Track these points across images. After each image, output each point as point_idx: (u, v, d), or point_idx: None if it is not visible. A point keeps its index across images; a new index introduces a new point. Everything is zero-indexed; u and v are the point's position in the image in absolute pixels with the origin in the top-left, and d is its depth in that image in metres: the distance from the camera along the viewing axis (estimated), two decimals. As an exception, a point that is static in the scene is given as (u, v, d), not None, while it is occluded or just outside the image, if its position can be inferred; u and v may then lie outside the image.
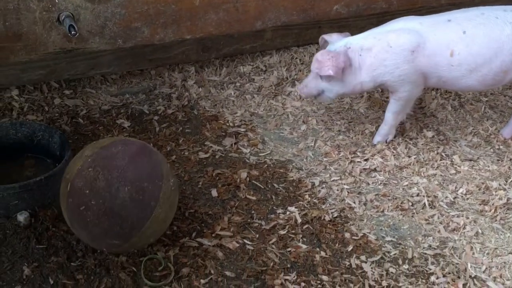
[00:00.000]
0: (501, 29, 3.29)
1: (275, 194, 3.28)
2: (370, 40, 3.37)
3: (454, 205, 3.27)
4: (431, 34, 3.31)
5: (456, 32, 3.31)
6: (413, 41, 3.30)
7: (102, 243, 2.74)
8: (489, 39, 3.29)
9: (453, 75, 3.36)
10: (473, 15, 3.36)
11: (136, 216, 2.66)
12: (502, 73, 3.36)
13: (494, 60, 3.31)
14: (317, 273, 2.85)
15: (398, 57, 3.32)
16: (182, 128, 3.70)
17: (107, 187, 2.64)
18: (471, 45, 3.29)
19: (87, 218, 2.66)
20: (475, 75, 3.35)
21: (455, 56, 3.30)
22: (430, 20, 3.40)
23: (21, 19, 3.32)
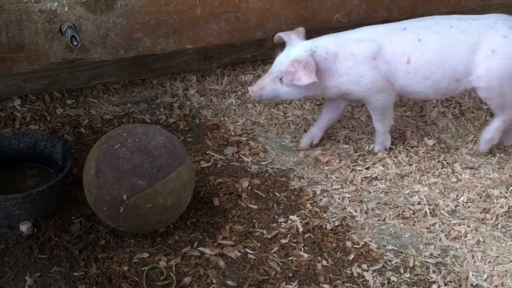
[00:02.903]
0: (455, 37, 3.32)
1: (277, 203, 3.29)
2: (335, 45, 3.34)
3: (455, 213, 3.28)
4: (388, 42, 3.34)
5: (412, 40, 3.33)
6: (374, 47, 3.32)
7: (127, 185, 2.79)
8: (443, 47, 3.32)
9: (410, 82, 3.37)
10: (428, 23, 3.39)
11: (166, 160, 2.86)
12: (455, 82, 3.38)
13: (448, 68, 3.33)
14: (319, 282, 2.86)
15: (361, 66, 3.32)
16: (184, 137, 3.71)
17: (144, 132, 2.93)
18: (426, 53, 3.31)
19: (119, 154, 2.83)
20: (430, 83, 3.37)
21: (411, 64, 3.33)
22: (386, 28, 3.44)
23: (23, 30, 3.33)
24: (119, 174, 2.81)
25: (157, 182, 2.83)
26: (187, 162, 2.97)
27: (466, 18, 3.42)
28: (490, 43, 3.31)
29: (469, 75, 3.36)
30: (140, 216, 2.85)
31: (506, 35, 3.33)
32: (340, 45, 3.34)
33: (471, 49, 3.31)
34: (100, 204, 2.86)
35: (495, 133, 3.59)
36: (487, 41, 3.31)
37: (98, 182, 2.84)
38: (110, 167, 2.83)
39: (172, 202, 2.87)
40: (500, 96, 3.41)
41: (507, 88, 3.39)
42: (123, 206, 2.81)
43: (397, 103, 4.08)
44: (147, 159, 2.83)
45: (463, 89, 3.47)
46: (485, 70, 3.33)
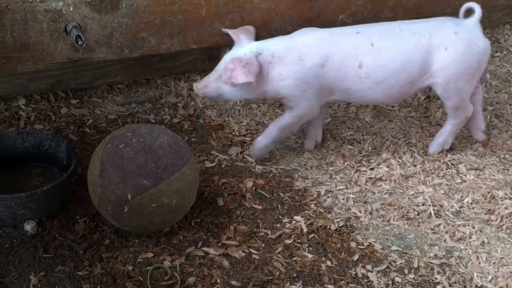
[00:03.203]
0: (407, 41, 3.30)
1: (281, 203, 3.29)
2: (282, 48, 3.28)
3: (460, 214, 3.27)
4: (340, 46, 3.29)
5: (364, 44, 3.29)
6: (323, 54, 3.25)
7: (131, 185, 2.79)
8: (396, 51, 3.29)
9: (361, 87, 3.32)
10: (380, 28, 3.37)
11: (171, 160, 2.86)
12: (409, 85, 3.36)
13: (401, 72, 3.31)
14: (323, 283, 2.86)
15: (307, 71, 3.25)
16: (188, 137, 3.71)
17: (148, 132, 2.93)
18: (378, 57, 3.28)
19: (124, 154, 2.83)
20: (382, 87, 3.33)
21: (363, 68, 3.28)
22: (338, 31, 3.38)
23: (28, 29, 3.34)
24: (124, 173, 2.81)
25: (161, 182, 2.83)
26: (192, 162, 2.98)
27: (415, 22, 3.41)
28: (442, 41, 3.31)
29: (423, 75, 3.35)
30: (144, 216, 2.85)
31: (457, 31, 3.34)
32: (289, 49, 3.27)
33: (424, 50, 3.30)
34: (105, 204, 2.86)
35: (448, 136, 3.61)
36: (439, 40, 3.31)
37: (102, 182, 2.84)
38: (114, 167, 2.83)
39: (176, 202, 2.87)
40: (457, 93, 3.42)
41: (463, 84, 3.40)
42: (128, 206, 2.81)
43: (402, 103, 4.08)
44: (151, 159, 2.83)
45: (416, 90, 3.46)
46: (440, 68, 3.33)
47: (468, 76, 3.40)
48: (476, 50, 3.36)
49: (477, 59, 3.39)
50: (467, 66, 3.36)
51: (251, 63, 3.18)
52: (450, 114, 3.56)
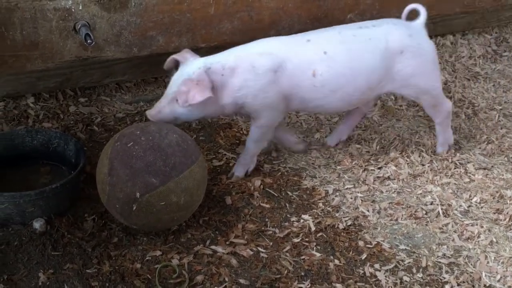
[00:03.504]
0: (362, 47, 3.24)
1: (289, 202, 3.29)
2: (232, 59, 3.17)
3: (468, 213, 3.27)
4: (293, 55, 3.19)
5: (317, 53, 3.20)
6: (275, 61, 3.16)
7: (140, 183, 2.79)
8: (350, 58, 3.21)
9: (317, 96, 3.24)
10: (331, 34, 3.28)
11: (179, 159, 2.87)
12: (368, 91, 3.31)
13: (359, 79, 3.23)
14: (331, 281, 2.86)
15: (262, 78, 3.15)
16: (196, 136, 3.72)
17: (157, 130, 2.93)
18: (332, 65, 3.19)
19: (133, 152, 2.83)
20: (339, 95, 3.25)
21: (317, 77, 3.19)
22: (290, 40, 3.28)
23: (38, 28, 3.35)
24: (132, 172, 2.81)
25: (170, 180, 2.83)
26: (200, 160, 2.98)
27: (367, 25, 3.33)
28: (397, 45, 3.26)
29: (382, 81, 3.30)
30: (153, 214, 2.85)
31: (411, 33, 3.31)
32: (240, 59, 3.17)
33: (382, 55, 3.24)
34: (113, 202, 2.87)
35: (444, 134, 3.62)
36: (395, 43, 3.25)
37: (111, 180, 2.85)
38: (123, 165, 2.83)
39: (185, 200, 2.88)
40: (424, 93, 3.41)
41: (426, 83, 3.39)
42: (136, 204, 2.82)
43: (409, 103, 4.08)
44: (160, 157, 2.84)
45: (376, 95, 3.43)
46: (399, 72, 3.29)
47: (427, 76, 3.38)
48: (427, 51, 3.35)
49: (431, 60, 3.38)
50: (424, 67, 3.34)
51: (202, 79, 3.06)
52: (430, 115, 3.57)
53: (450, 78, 4.35)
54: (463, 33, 4.81)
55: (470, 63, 4.56)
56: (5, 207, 2.93)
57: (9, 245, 2.92)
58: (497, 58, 4.69)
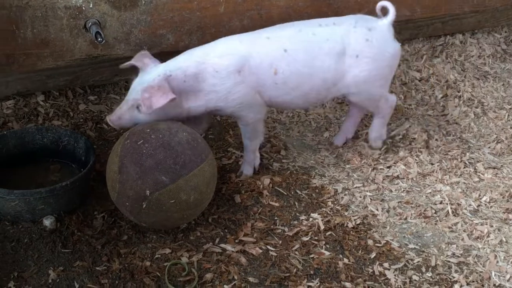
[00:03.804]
0: (320, 46, 3.19)
1: (298, 200, 3.29)
2: (193, 64, 3.12)
3: (477, 213, 3.26)
4: (254, 53, 3.15)
5: (278, 50, 3.17)
6: (238, 60, 3.13)
7: (150, 181, 2.80)
8: (309, 57, 3.18)
9: (278, 93, 3.22)
10: (291, 32, 3.23)
11: (189, 157, 2.87)
12: (324, 91, 3.27)
13: (315, 78, 3.21)
14: (340, 280, 2.86)
15: (227, 81, 3.12)
16: (205, 134, 3.72)
17: (167, 128, 2.94)
18: (293, 63, 3.17)
19: (143, 150, 2.84)
20: (299, 93, 3.24)
21: (278, 75, 3.17)
22: (250, 38, 3.23)
23: (48, 26, 3.36)
24: (142, 170, 2.82)
25: (180, 178, 2.84)
26: (210, 158, 2.98)
27: (327, 23, 3.27)
28: (353, 49, 3.21)
29: (338, 83, 3.26)
30: (162, 212, 2.86)
31: (368, 38, 3.23)
32: (201, 64, 3.12)
33: (337, 57, 3.20)
34: (123, 200, 2.88)
35: (380, 128, 3.58)
36: (351, 47, 3.20)
37: (121, 178, 2.85)
38: (133, 163, 2.84)
39: (194, 198, 2.88)
40: (371, 99, 3.38)
41: (376, 90, 3.34)
42: (146, 202, 2.83)
43: (419, 102, 4.08)
44: (170, 155, 2.84)
45: (333, 96, 3.38)
46: (353, 77, 3.24)
47: (380, 82, 3.33)
48: (386, 57, 3.27)
49: (388, 65, 3.31)
50: (378, 73, 3.28)
51: (163, 87, 3.02)
52: (373, 111, 3.52)
53: (459, 77, 4.34)
54: (473, 32, 4.80)
55: (479, 62, 4.55)
56: (15, 204, 2.95)
57: (19, 242, 2.94)
58: (506, 58, 4.67)
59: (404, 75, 4.31)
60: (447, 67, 4.41)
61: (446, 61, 4.48)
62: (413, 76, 4.32)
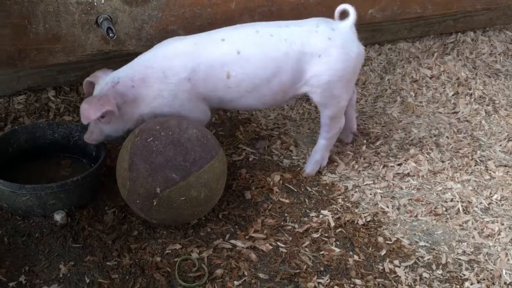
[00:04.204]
0: (277, 48, 3.08)
1: (308, 197, 3.29)
2: (141, 69, 3.08)
3: (488, 211, 3.25)
4: (205, 57, 3.07)
5: (230, 53, 3.07)
6: (188, 66, 3.06)
7: (160, 178, 2.80)
8: (265, 58, 3.08)
9: (232, 96, 3.14)
10: (247, 33, 3.13)
11: (199, 154, 2.86)
12: (282, 93, 3.18)
13: (272, 80, 3.11)
14: (350, 277, 2.86)
15: (175, 87, 3.07)
16: (216, 130, 3.72)
17: (177, 124, 2.93)
18: (246, 66, 3.07)
19: (153, 148, 2.84)
20: (255, 95, 3.15)
21: (231, 78, 3.07)
22: (203, 40, 3.14)
23: (60, 21, 3.37)
24: (153, 167, 2.82)
25: (190, 175, 2.83)
26: (220, 155, 2.98)
27: (288, 24, 3.17)
28: (315, 48, 3.10)
29: (298, 83, 3.17)
30: (173, 209, 2.86)
31: (330, 37, 3.12)
32: (149, 67, 3.08)
33: (296, 58, 3.09)
34: (134, 197, 2.88)
35: (324, 152, 3.44)
36: (312, 47, 3.10)
37: (131, 175, 2.85)
38: (143, 160, 2.84)
39: (205, 194, 2.89)
40: (335, 101, 3.23)
41: (340, 91, 3.22)
42: (157, 199, 2.83)
43: (430, 99, 4.07)
44: (180, 152, 2.84)
45: (292, 96, 3.28)
46: (314, 76, 3.13)
47: (343, 83, 3.21)
48: (350, 57, 3.16)
49: (352, 66, 3.19)
50: (342, 73, 3.17)
51: (105, 97, 3.00)
52: (324, 126, 3.35)
53: (471, 75, 4.32)
54: (484, 29, 4.78)
55: (490, 60, 4.54)
56: (26, 199, 2.96)
57: (30, 237, 2.95)
58: (517, 55, 4.66)
59: (415, 72, 4.31)
60: (458, 64, 4.40)
61: (457, 58, 4.47)
62: (424, 74, 4.30)
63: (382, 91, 4.15)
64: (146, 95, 3.08)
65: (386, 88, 4.17)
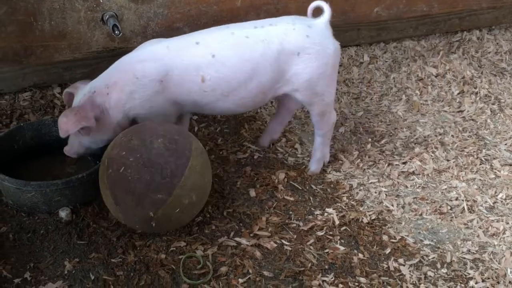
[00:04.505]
0: (253, 49, 3.02)
1: (313, 195, 3.29)
2: (115, 74, 3.04)
3: (493, 210, 3.25)
4: (179, 60, 3.00)
5: (205, 57, 3.00)
6: (161, 70, 2.98)
7: (148, 203, 2.75)
8: (241, 61, 3.02)
9: (208, 100, 3.07)
10: (222, 36, 3.07)
11: (174, 163, 2.77)
12: (261, 94, 3.12)
13: (250, 82, 3.05)
14: (355, 275, 2.86)
15: (147, 89, 3.00)
16: (221, 128, 3.73)
17: (141, 143, 2.80)
18: (221, 69, 3.00)
19: (128, 177, 2.74)
20: (232, 99, 3.08)
21: (206, 82, 3.00)
22: (177, 43, 3.08)
23: (66, 18, 3.38)
24: (137, 197, 2.75)
25: (174, 188, 2.76)
26: (194, 149, 2.86)
27: (263, 24, 3.10)
28: (294, 46, 3.05)
29: (277, 83, 3.11)
30: (172, 222, 2.86)
31: (308, 34, 3.07)
32: (122, 71, 3.03)
33: (274, 58, 3.04)
34: (132, 224, 2.88)
35: (323, 149, 3.42)
36: (291, 45, 3.04)
37: (121, 208, 2.81)
38: (125, 193, 2.77)
39: (196, 196, 2.85)
40: (319, 98, 3.20)
41: (323, 89, 3.19)
42: (154, 221, 2.80)
43: (435, 98, 4.06)
44: (156, 171, 2.75)
45: (272, 97, 3.24)
46: (295, 75, 3.09)
47: (325, 80, 3.17)
48: (328, 53, 3.12)
49: (331, 62, 3.15)
50: (322, 70, 3.13)
51: (82, 108, 2.99)
52: (316, 124, 3.33)
53: (476, 73, 4.32)
54: (490, 28, 4.78)
55: (496, 59, 4.53)
56: (32, 195, 2.97)
57: (35, 233, 2.96)
58: (524, 54, 4.65)
59: (420, 70, 4.30)
60: (463, 63, 4.39)
61: (462, 57, 4.46)
62: (429, 72, 4.30)
63: (387, 89, 4.14)
64: (118, 99, 3.02)
65: (391, 87, 4.17)
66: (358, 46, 4.37)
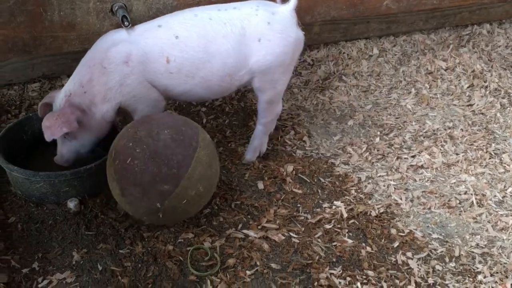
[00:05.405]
0: (216, 30, 3.04)
1: (321, 188, 3.28)
2: (84, 71, 3.04)
3: (502, 204, 3.24)
4: (142, 42, 3.02)
5: (168, 38, 3.03)
6: (122, 51, 3.00)
7: (155, 195, 2.75)
8: (204, 42, 3.03)
9: (175, 82, 3.08)
10: (185, 18, 3.08)
11: (181, 154, 2.77)
12: (227, 77, 3.11)
13: (214, 63, 3.06)
14: (363, 268, 2.85)
15: (116, 75, 3.00)
16: (229, 120, 3.72)
17: (148, 134, 2.80)
18: (185, 50, 3.02)
19: (135, 168, 2.74)
20: (198, 80, 3.09)
21: (171, 63, 3.02)
22: (139, 28, 3.09)
23: (75, 9, 3.37)
24: (143, 188, 2.76)
25: (181, 179, 2.76)
26: (201, 140, 2.87)
27: (227, 7, 3.12)
28: (255, 32, 3.06)
29: (242, 69, 3.12)
30: (179, 213, 2.86)
31: (270, 21, 3.07)
32: (90, 65, 3.03)
33: (237, 41, 3.05)
34: (139, 215, 2.88)
35: (262, 138, 3.42)
36: (252, 30, 3.06)
37: (127, 200, 2.81)
38: (132, 184, 2.77)
39: (203, 187, 2.84)
40: (272, 86, 3.20)
41: (279, 77, 3.19)
42: (161, 212, 2.80)
43: (444, 91, 4.04)
44: (162, 163, 2.75)
45: (239, 85, 3.21)
46: (256, 61, 3.09)
47: (283, 68, 3.18)
48: (289, 42, 3.11)
49: (291, 51, 3.15)
50: (282, 58, 3.13)
51: (63, 111, 2.98)
52: (261, 111, 3.33)
53: (486, 67, 4.29)
54: (500, 22, 4.75)
55: (506, 53, 4.50)
56: (40, 186, 2.98)
57: (43, 223, 2.97)
58: (534, 48, 4.63)
59: (430, 64, 4.28)
60: (473, 57, 4.37)
61: (472, 50, 4.44)
62: (439, 66, 4.28)
63: (397, 82, 4.13)
64: (97, 94, 3.02)
65: (401, 80, 4.15)
66: (368, 39, 4.35)
